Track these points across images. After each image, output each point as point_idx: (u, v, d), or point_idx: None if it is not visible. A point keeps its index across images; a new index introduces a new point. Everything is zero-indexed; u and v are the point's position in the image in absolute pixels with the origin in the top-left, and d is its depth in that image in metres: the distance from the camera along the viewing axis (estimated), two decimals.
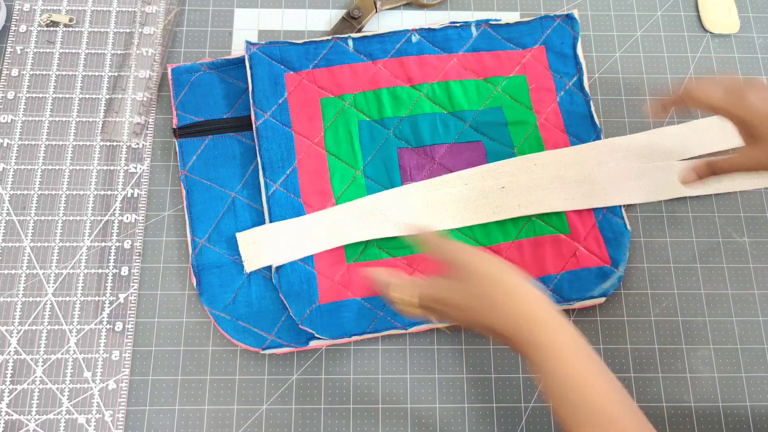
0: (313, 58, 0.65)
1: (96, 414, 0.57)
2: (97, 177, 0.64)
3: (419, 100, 0.65)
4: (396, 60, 0.66)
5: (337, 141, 0.63)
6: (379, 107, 0.64)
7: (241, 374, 0.59)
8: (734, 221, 0.65)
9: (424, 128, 0.64)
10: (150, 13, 0.70)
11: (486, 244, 0.61)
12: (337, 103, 0.64)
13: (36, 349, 0.59)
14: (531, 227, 0.62)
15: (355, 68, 0.65)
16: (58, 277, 0.61)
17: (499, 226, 0.62)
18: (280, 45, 0.65)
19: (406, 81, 0.65)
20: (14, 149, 0.65)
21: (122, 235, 0.62)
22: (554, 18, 0.69)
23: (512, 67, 0.67)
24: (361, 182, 0.62)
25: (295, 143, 0.62)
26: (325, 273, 0.60)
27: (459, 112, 0.65)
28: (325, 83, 0.64)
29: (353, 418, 0.58)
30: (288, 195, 0.61)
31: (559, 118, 0.65)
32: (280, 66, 0.64)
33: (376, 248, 0.61)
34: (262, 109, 0.63)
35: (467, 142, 0.64)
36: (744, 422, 0.59)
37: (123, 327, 0.60)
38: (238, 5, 0.71)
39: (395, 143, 0.64)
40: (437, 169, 0.63)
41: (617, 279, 0.61)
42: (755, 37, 0.72)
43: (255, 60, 0.64)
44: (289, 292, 0.59)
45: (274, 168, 0.61)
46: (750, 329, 0.62)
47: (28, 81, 0.67)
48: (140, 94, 0.67)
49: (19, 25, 0.69)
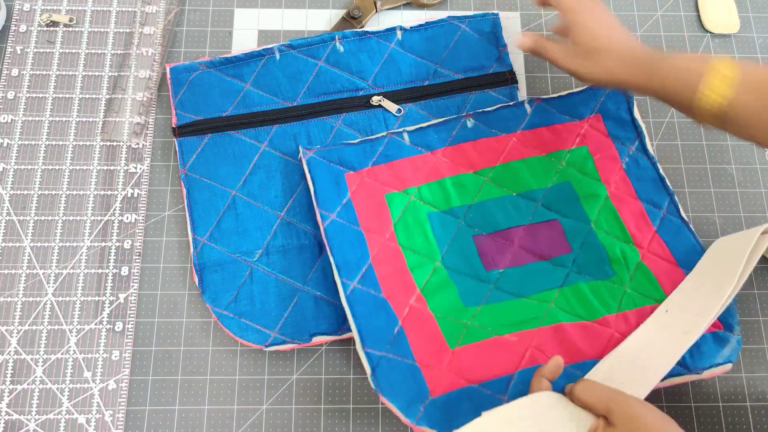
0: (371, 155, 0.63)
1: (96, 414, 0.58)
2: (97, 177, 0.64)
3: (485, 186, 0.63)
4: (455, 148, 0.64)
5: (409, 235, 0.61)
6: (445, 197, 0.62)
7: (241, 374, 0.59)
8: (734, 221, 0.65)
9: (496, 213, 0.62)
10: (150, 13, 0.70)
11: (590, 319, 0.58)
12: (402, 198, 0.62)
13: (36, 349, 0.59)
14: (630, 300, 0.59)
15: (415, 161, 0.63)
16: (58, 277, 0.61)
17: (600, 302, 0.59)
18: (336, 147, 0.63)
19: (468, 167, 0.64)
20: (14, 149, 0.65)
21: (122, 235, 0.62)
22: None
23: (572, 139, 0.65)
24: (443, 272, 0.60)
25: (366, 240, 0.60)
26: (429, 364, 0.56)
27: (528, 192, 0.63)
28: (387, 179, 0.62)
29: (353, 418, 0.58)
30: (368, 292, 0.58)
31: (629, 186, 0.63)
32: (339, 167, 0.62)
33: (477, 328, 0.57)
34: (327, 210, 0.60)
35: (543, 222, 0.62)
36: (744, 422, 0.59)
37: (123, 327, 0.60)
38: (238, 5, 0.71)
39: (469, 231, 0.62)
40: (519, 252, 0.61)
41: (737, 342, 0.57)
42: (755, 37, 0.72)
43: (313, 164, 0.62)
44: (392, 391, 0.54)
45: (350, 267, 0.58)
46: (750, 329, 0.62)
47: (28, 81, 0.67)
48: (140, 94, 0.67)
49: (19, 25, 0.69)
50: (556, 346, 0.57)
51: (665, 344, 0.55)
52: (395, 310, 0.57)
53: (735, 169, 0.67)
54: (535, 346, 0.57)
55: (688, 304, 0.56)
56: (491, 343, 0.57)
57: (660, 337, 0.55)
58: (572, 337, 0.57)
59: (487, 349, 0.57)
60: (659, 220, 0.62)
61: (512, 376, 0.55)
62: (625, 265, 0.60)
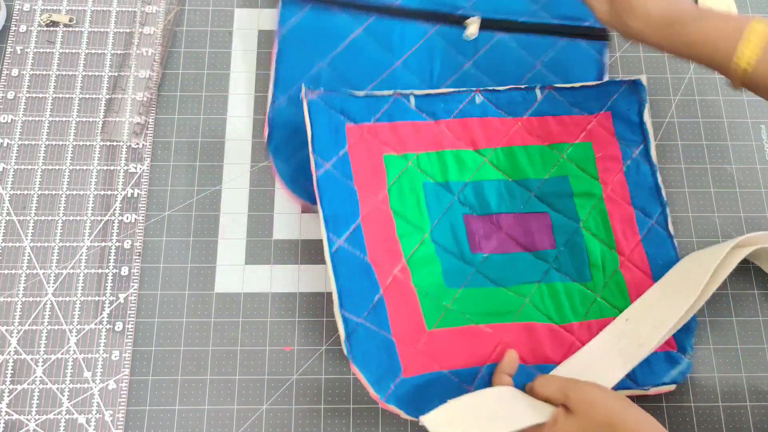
0: (375, 111, 0.62)
1: (96, 414, 0.58)
2: (97, 177, 0.64)
3: (483, 166, 0.63)
4: (459, 121, 0.64)
5: (402, 200, 0.61)
6: (443, 170, 0.63)
7: (241, 374, 0.59)
8: (734, 221, 0.65)
9: (489, 195, 0.62)
10: (150, 13, 0.70)
11: (559, 322, 0.59)
12: (400, 162, 0.62)
13: (36, 349, 0.59)
14: (597, 309, 0.60)
15: (418, 126, 0.63)
16: (58, 277, 0.61)
17: (570, 306, 0.60)
18: (341, 95, 0.62)
19: (470, 144, 0.64)
20: (14, 149, 0.65)
21: (122, 235, 0.62)
22: (621, 83, 0.66)
23: (578, 133, 0.65)
24: (431, 246, 0.60)
25: (358, 198, 0.59)
26: (405, 341, 0.56)
27: (524, 180, 0.63)
28: (387, 139, 0.62)
29: (353, 418, 0.58)
30: (353, 252, 0.57)
31: (625, 190, 0.63)
32: (341, 116, 0.61)
33: (457, 313, 0.58)
34: (323, 157, 0.59)
35: (533, 213, 0.63)
36: (744, 422, 0.59)
37: (123, 327, 0.60)
38: (238, 5, 0.71)
39: (460, 209, 0.62)
40: (505, 239, 0.62)
41: (686, 366, 0.58)
42: None
43: (314, 107, 0.60)
44: (365, 362, 0.54)
45: (338, 222, 0.57)
46: (750, 329, 0.62)
47: (28, 81, 0.67)
48: (140, 94, 0.67)
49: (19, 25, 0.69)
50: (524, 345, 0.58)
51: (618, 355, 0.56)
52: (378, 277, 0.57)
53: (735, 169, 0.67)
54: (506, 342, 0.58)
55: (648, 316, 0.57)
56: (466, 331, 0.58)
57: (615, 348, 0.56)
58: (541, 338, 0.58)
59: (462, 336, 0.57)
60: (646, 229, 0.62)
61: (480, 368, 0.56)
62: (603, 271, 0.61)
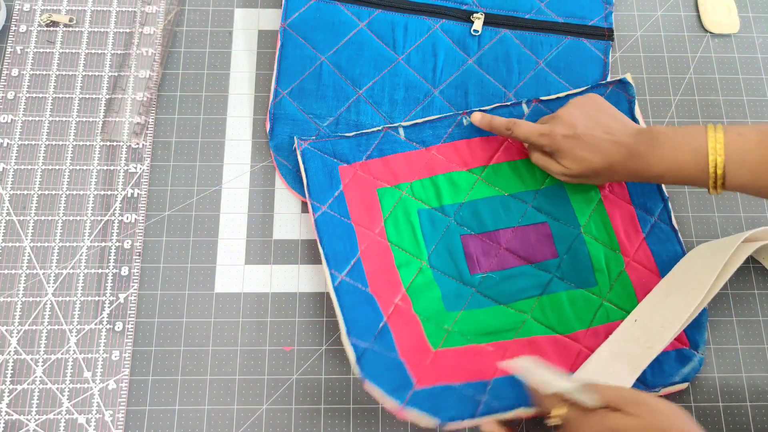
0: (366, 149, 0.64)
1: (96, 414, 0.57)
2: (97, 177, 0.64)
3: (477, 184, 0.63)
4: (449, 145, 0.65)
5: (398, 231, 0.61)
6: (437, 194, 0.63)
7: (241, 374, 0.59)
8: (734, 221, 0.65)
9: (485, 213, 0.62)
10: (150, 13, 0.70)
11: (563, 332, 0.59)
12: (394, 193, 0.62)
13: (36, 349, 0.59)
14: (604, 313, 0.60)
15: (409, 156, 0.64)
16: (58, 277, 0.61)
17: (575, 315, 0.60)
18: (332, 139, 0.64)
19: (461, 165, 0.64)
20: (14, 149, 0.65)
21: (122, 235, 0.62)
22: (607, 84, 0.66)
23: None
24: (429, 273, 0.60)
25: (356, 234, 0.61)
26: (413, 360, 0.57)
27: (519, 193, 0.63)
28: (380, 173, 0.63)
29: (353, 418, 0.58)
30: (355, 285, 0.59)
31: (624, 189, 0.63)
32: (333, 159, 0.63)
33: (458, 335, 0.59)
34: (319, 201, 0.61)
35: (532, 225, 0.62)
36: (744, 422, 0.59)
37: (123, 327, 0.60)
38: (238, 5, 0.71)
39: (457, 230, 0.62)
40: (504, 254, 0.61)
41: (698, 362, 0.58)
42: (755, 37, 0.72)
43: (307, 155, 0.62)
44: (377, 377, 0.55)
45: (338, 259, 0.59)
46: (750, 329, 0.62)
47: (28, 81, 0.67)
48: (140, 94, 0.67)
49: (19, 25, 0.69)
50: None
51: (628, 360, 0.55)
52: (381, 307, 0.58)
53: None
54: (509, 357, 0.58)
55: (656, 315, 0.57)
56: (469, 350, 0.58)
57: (625, 352, 0.56)
58: (544, 350, 0.59)
59: (466, 355, 0.58)
60: (649, 227, 0.62)
61: (489, 381, 0.57)
62: (608, 275, 0.61)
